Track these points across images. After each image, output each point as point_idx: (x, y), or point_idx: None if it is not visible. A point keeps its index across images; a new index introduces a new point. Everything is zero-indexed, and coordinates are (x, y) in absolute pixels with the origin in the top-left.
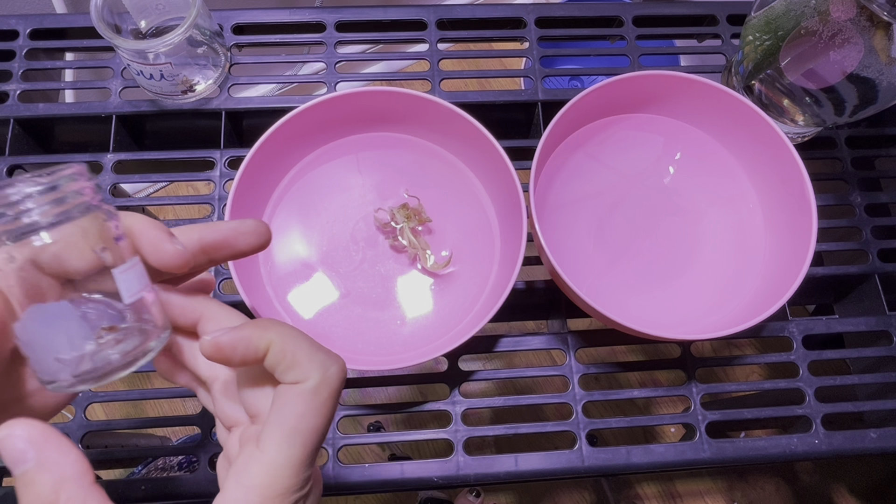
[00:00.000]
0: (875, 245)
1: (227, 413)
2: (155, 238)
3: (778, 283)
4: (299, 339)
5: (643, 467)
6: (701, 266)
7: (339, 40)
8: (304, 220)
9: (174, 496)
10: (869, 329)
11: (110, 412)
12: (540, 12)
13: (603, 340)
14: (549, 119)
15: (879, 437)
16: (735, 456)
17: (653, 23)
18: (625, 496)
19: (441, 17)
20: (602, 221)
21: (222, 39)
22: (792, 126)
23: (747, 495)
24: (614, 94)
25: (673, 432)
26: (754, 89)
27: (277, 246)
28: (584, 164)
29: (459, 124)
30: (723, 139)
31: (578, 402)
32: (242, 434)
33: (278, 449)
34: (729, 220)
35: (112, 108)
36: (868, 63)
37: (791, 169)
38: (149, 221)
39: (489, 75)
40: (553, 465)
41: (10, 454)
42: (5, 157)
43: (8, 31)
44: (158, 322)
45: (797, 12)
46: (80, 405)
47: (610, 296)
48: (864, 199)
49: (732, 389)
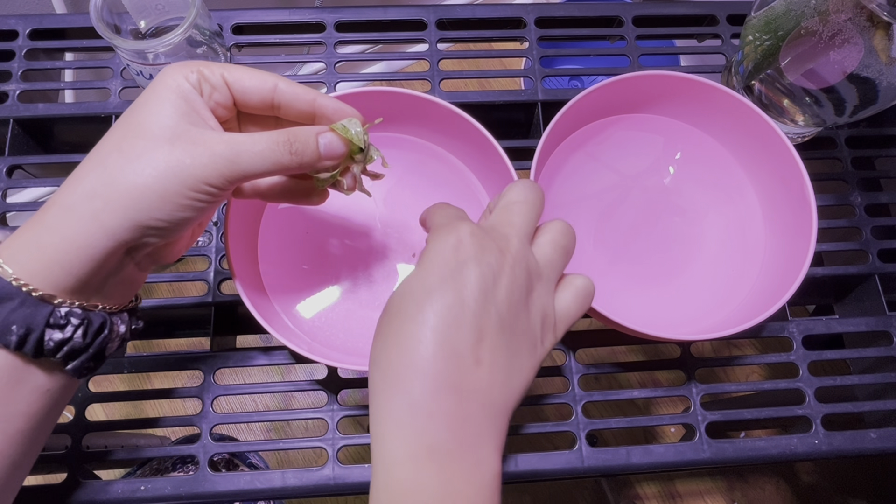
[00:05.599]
0: (875, 245)
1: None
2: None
3: (778, 283)
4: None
5: (643, 467)
6: (701, 266)
7: (339, 40)
8: (303, 220)
9: (174, 496)
10: (869, 329)
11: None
12: (540, 12)
13: (603, 340)
14: (549, 119)
15: (879, 437)
16: (735, 456)
17: (653, 23)
18: (625, 496)
19: (441, 17)
20: (602, 221)
21: (222, 39)
22: (792, 126)
23: (747, 495)
24: (614, 94)
25: (673, 432)
26: (754, 89)
27: (277, 246)
28: (583, 164)
29: (459, 124)
30: (723, 139)
31: (578, 403)
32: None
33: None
34: (729, 220)
35: (112, 108)
36: (868, 63)
37: (791, 169)
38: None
39: (489, 75)
40: (553, 466)
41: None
42: (5, 157)
43: (8, 32)
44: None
45: (797, 12)
46: (79, 405)
47: (610, 296)
48: (864, 199)
49: (732, 390)
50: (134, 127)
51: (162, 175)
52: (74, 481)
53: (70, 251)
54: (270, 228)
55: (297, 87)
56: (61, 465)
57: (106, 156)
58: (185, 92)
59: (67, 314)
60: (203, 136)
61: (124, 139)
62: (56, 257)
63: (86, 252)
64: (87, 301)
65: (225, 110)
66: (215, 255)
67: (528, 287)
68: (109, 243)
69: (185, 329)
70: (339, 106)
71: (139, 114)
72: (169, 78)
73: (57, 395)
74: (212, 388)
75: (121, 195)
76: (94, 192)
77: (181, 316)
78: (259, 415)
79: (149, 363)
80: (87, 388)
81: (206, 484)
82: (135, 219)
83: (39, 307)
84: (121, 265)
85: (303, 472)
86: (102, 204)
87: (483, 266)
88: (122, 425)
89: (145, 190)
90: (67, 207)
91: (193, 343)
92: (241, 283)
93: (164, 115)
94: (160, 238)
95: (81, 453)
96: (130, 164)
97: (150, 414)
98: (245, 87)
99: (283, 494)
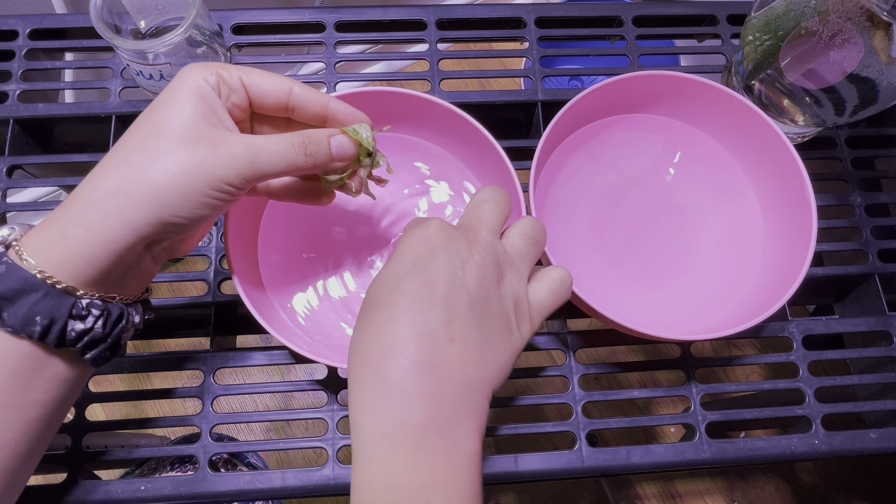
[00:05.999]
0: (875, 245)
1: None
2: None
3: (778, 283)
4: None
5: (643, 467)
6: (701, 266)
7: (339, 40)
8: (303, 221)
9: (174, 496)
10: (869, 329)
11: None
12: (540, 12)
13: (603, 340)
14: (548, 119)
15: (879, 437)
16: (735, 456)
17: (653, 23)
18: (625, 496)
19: (441, 17)
20: (602, 221)
21: (222, 39)
22: (792, 126)
23: (747, 495)
24: (614, 94)
25: (673, 432)
26: (754, 89)
27: (277, 246)
28: (583, 164)
29: (459, 124)
30: (723, 139)
31: (578, 403)
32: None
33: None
34: (729, 220)
35: (112, 109)
36: (868, 63)
37: (791, 169)
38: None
39: (489, 75)
40: (553, 466)
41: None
42: (5, 158)
43: (8, 32)
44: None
45: (797, 12)
46: (79, 405)
47: (610, 296)
48: (864, 199)
49: (732, 390)
50: (157, 127)
51: (185, 174)
52: (74, 481)
53: (94, 245)
54: (270, 229)
55: (311, 92)
56: (61, 465)
57: (129, 154)
58: (205, 93)
59: (88, 305)
60: (223, 137)
61: (147, 138)
62: (80, 250)
63: (109, 246)
64: (106, 293)
65: (240, 111)
66: (215, 255)
67: (497, 273)
68: (132, 238)
69: (185, 329)
70: (351, 110)
71: (161, 113)
72: (189, 79)
73: (73, 383)
74: (212, 388)
75: (145, 192)
76: (118, 188)
77: (181, 316)
78: (259, 415)
79: (149, 363)
80: (88, 388)
81: (205, 484)
82: (157, 215)
83: (63, 299)
84: (139, 258)
85: (303, 472)
86: (127, 200)
87: (451, 253)
88: (121, 425)
89: (169, 188)
90: (92, 203)
91: (193, 343)
92: (240, 282)
93: (185, 115)
94: (179, 234)
95: (81, 453)
96: (154, 162)
97: (150, 414)
98: (262, 90)
99: (283, 494)
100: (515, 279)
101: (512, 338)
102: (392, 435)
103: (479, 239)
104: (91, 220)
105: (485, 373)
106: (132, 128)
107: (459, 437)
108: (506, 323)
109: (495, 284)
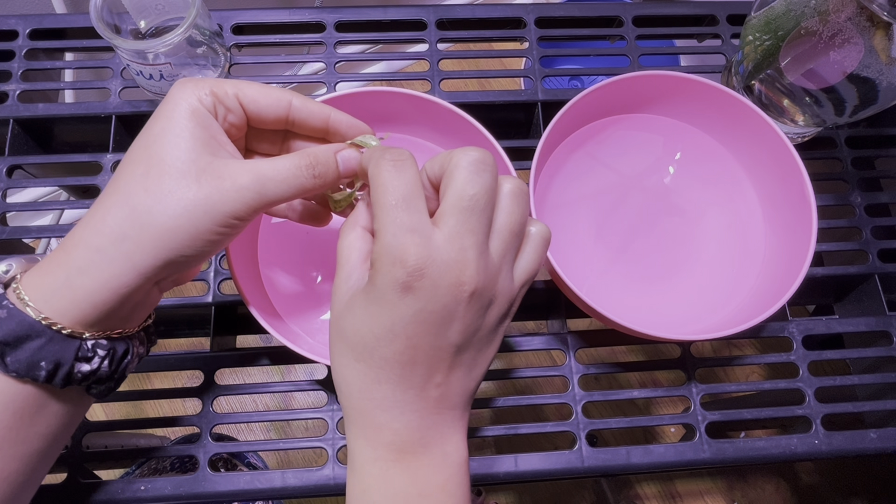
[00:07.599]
0: (875, 245)
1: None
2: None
3: (778, 283)
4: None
5: (643, 467)
6: (701, 266)
7: (339, 40)
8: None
9: (174, 496)
10: (869, 329)
11: (110, 412)
12: (540, 12)
13: (603, 340)
14: (548, 119)
15: (879, 437)
16: (735, 456)
17: (653, 23)
18: (625, 496)
19: (441, 17)
20: (602, 221)
21: (222, 39)
22: (792, 126)
23: (747, 495)
24: (614, 94)
25: (673, 432)
26: (754, 89)
27: (277, 246)
28: (583, 164)
29: (459, 124)
30: (723, 139)
31: (578, 403)
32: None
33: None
34: (729, 220)
35: (112, 109)
36: (868, 63)
37: (791, 169)
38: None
39: (489, 75)
40: (553, 466)
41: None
42: (5, 158)
43: (8, 32)
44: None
45: (797, 12)
46: None
47: (610, 296)
48: (864, 199)
49: (732, 390)
50: (157, 162)
51: (191, 214)
52: (74, 481)
53: (102, 291)
54: (270, 229)
55: (311, 104)
56: (61, 465)
57: (131, 194)
58: (202, 117)
59: (94, 346)
60: (227, 168)
61: (148, 177)
62: (88, 297)
63: (118, 291)
64: (112, 330)
65: (238, 130)
66: (215, 255)
67: (489, 304)
68: (140, 281)
69: (185, 329)
70: (354, 122)
71: (159, 147)
72: (183, 101)
73: (75, 414)
74: (212, 388)
75: (152, 237)
76: (123, 234)
77: (181, 316)
78: (259, 415)
79: (149, 363)
80: None
81: (205, 484)
82: (166, 257)
83: (68, 343)
84: (147, 294)
85: (303, 472)
86: (133, 246)
87: (434, 315)
88: (121, 425)
89: (177, 230)
90: (97, 249)
91: (193, 343)
92: (240, 282)
93: (184, 148)
94: (187, 267)
95: (81, 453)
96: (159, 204)
97: (150, 414)
98: (260, 107)
99: (283, 494)
100: (506, 294)
101: (496, 339)
102: (385, 458)
103: (465, 279)
104: (98, 269)
105: (470, 386)
106: (129, 161)
107: (449, 452)
108: (493, 335)
109: (484, 315)
